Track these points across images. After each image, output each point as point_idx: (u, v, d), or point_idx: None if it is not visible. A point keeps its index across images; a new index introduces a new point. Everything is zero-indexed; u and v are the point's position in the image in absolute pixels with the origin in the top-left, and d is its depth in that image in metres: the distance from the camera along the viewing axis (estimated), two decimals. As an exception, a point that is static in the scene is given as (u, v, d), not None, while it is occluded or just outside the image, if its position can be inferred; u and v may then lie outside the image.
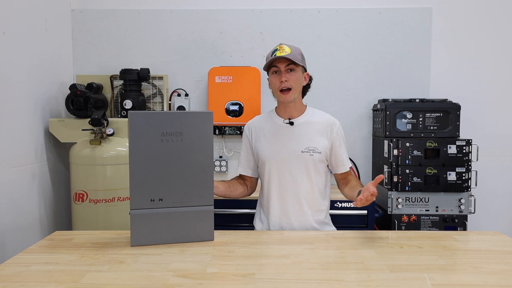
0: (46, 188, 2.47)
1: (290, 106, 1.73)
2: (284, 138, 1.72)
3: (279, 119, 1.76)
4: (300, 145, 1.69)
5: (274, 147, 1.73)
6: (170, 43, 2.87)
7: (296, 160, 1.69)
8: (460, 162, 2.45)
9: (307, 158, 1.69)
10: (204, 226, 1.49)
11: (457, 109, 2.52)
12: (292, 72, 1.66)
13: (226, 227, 1.76)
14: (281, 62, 1.65)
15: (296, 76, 1.67)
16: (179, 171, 1.45)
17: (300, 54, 1.70)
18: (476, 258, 1.35)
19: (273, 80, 1.69)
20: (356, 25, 2.85)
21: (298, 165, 1.70)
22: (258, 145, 1.77)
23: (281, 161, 1.71)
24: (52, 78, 2.56)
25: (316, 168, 1.71)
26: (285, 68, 1.65)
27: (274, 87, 1.69)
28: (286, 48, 1.66)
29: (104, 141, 2.31)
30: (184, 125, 1.44)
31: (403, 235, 1.61)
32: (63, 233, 1.63)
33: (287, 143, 1.71)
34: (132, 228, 1.44)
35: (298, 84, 1.69)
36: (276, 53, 1.65)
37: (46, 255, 1.36)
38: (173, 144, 1.44)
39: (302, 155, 1.69)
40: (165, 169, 1.44)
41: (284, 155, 1.71)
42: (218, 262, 1.31)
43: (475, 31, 2.84)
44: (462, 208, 2.47)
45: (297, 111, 1.74)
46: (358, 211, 2.42)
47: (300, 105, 1.76)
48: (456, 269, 1.26)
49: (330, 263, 1.29)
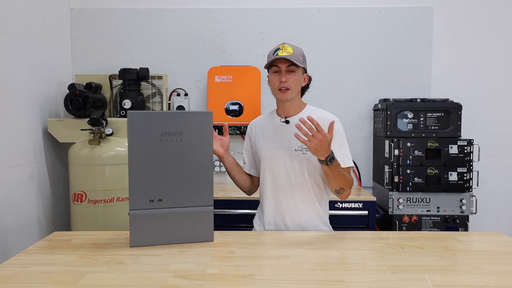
0: (45, 188, 2.47)
1: (288, 105, 1.74)
2: (279, 136, 1.74)
3: (277, 117, 1.78)
4: (294, 144, 1.70)
5: (270, 146, 1.75)
6: (170, 42, 2.87)
7: (289, 158, 1.71)
8: (461, 162, 2.45)
9: (300, 157, 1.70)
10: (204, 227, 1.49)
11: (458, 109, 2.52)
12: (292, 73, 1.68)
13: (226, 228, 1.76)
14: (282, 63, 1.67)
15: (295, 77, 1.69)
16: (179, 171, 1.45)
17: (302, 55, 1.72)
18: (477, 259, 1.35)
19: (273, 79, 1.71)
20: (357, 25, 2.85)
21: (292, 164, 1.71)
22: (257, 144, 1.81)
23: (276, 159, 1.73)
24: (50, 77, 2.56)
25: (310, 166, 1.70)
26: (285, 68, 1.67)
27: (273, 86, 1.72)
28: (288, 48, 1.68)
29: (103, 141, 2.31)
30: (184, 125, 1.44)
31: (404, 235, 1.61)
32: (62, 233, 1.63)
33: (282, 142, 1.73)
34: (131, 229, 1.44)
35: (297, 85, 1.71)
36: (278, 52, 1.67)
37: (45, 256, 1.36)
38: (173, 144, 1.44)
39: (295, 153, 1.70)
40: (165, 169, 1.44)
41: (279, 154, 1.72)
42: (218, 263, 1.31)
43: (476, 30, 2.84)
44: (463, 208, 2.47)
45: (294, 110, 1.76)
46: (359, 212, 2.42)
47: (298, 103, 1.77)
48: (458, 270, 1.26)
49: (330, 264, 1.29)
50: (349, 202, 2.41)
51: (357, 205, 2.43)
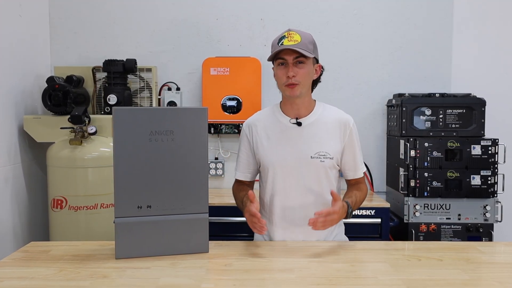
0: (21, 193, 2.46)
1: (298, 103, 1.69)
2: (291, 141, 1.69)
3: (285, 117, 1.72)
4: (309, 150, 1.66)
5: (279, 152, 1.69)
6: (160, 30, 2.87)
7: (304, 166, 1.66)
8: (485, 165, 2.45)
9: (318, 165, 1.66)
10: (198, 237, 1.49)
11: (481, 105, 2.52)
12: (301, 65, 1.61)
13: (222, 238, 1.76)
14: (289, 54, 1.60)
15: (305, 70, 1.62)
16: (170, 174, 1.45)
17: (312, 43, 1.64)
18: (503, 272, 1.35)
19: (279, 74, 1.64)
20: (369, 11, 2.85)
21: (307, 173, 1.67)
22: (260, 148, 1.73)
23: (288, 167, 1.68)
24: (27, 70, 2.56)
25: (327, 175, 1.68)
26: (293, 60, 1.60)
27: (279, 82, 1.66)
28: (295, 35, 1.60)
29: (85, 140, 2.31)
30: (175, 123, 1.44)
31: (421, 246, 1.61)
32: (40, 244, 1.62)
33: (294, 147, 1.67)
34: (117, 239, 1.43)
35: (307, 79, 1.65)
36: (283, 41, 1.60)
37: (21, 269, 1.36)
38: (163, 144, 1.43)
39: (311, 161, 1.66)
40: (154, 172, 1.44)
41: (291, 161, 1.67)
42: (214, 277, 1.31)
43: (502, 17, 2.84)
44: (487, 216, 2.47)
45: (305, 109, 1.70)
46: (371, 220, 2.42)
47: (309, 101, 1.72)
48: (481, 285, 1.26)
49: (339, 277, 1.29)
50: (360, 209, 2.40)
51: (369, 212, 2.43)
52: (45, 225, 2.54)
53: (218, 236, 1.80)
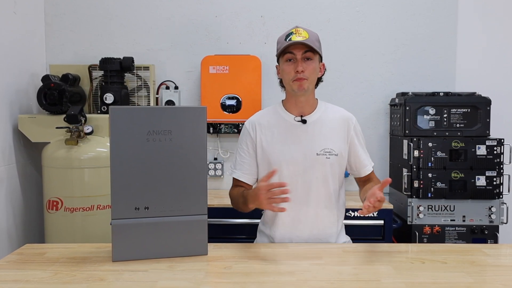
0: (15, 194, 2.47)
1: (302, 100, 1.72)
2: (296, 138, 1.71)
3: (289, 115, 1.74)
4: (315, 147, 1.69)
5: (286, 150, 1.71)
6: (158, 28, 2.87)
7: (310, 164, 1.69)
8: (490, 165, 2.45)
9: (324, 162, 1.69)
10: (197, 239, 1.49)
11: (487, 104, 2.52)
12: (309, 61, 1.66)
13: (221, 240, 1.77)
14: (298, 49, 1.64)
15: (313, 66, 1.67)
16: (168, 175, 1.45)
17: (318, 41, 1.70)
18: (508, 275, 1.35)
19: (287, 69, 1.67)
20: (372, 8, 2.85)
21: (313, 170, 1.69)
22: (265, 148, 1.74)
23: (295, 165, 1.70)
24: (21, 68, 2.56)
25: (333, 172, 1.71)
26: (301, 56, 1.64)
27: (287, 77, 1.68)
28: (303, 32, 1.65)
29: (81, 140, 2.31)
30: (174, 122, 1.44)
31: (425, 248, 1.61)
32: (35, 246, 1.63)
33: (300, 145, 1.70)
34: (114, 241, 1.44)
35: (314, 75, 1.69)
36: (291, 37, 1.64)
37: (15, 272, 1.36)
38: (161, 144, 1.44)
39: (317, 158, 1.69)
40: (152, 173, 1.44)
41: (298, 159, 1.70)
42: (213, 280, 1.31)
43: (507, 15, 2.84)
44: (492, 217, 2.47)
45: (309, 106, 1.74)
46: (374, 221, 2.42)
47: (313, 99, 1.76)
48: (486, 288, 1.26)
49: (341, 280, 1.29)
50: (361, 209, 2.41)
51: (372, 214, 2.43)
52: (40, 226, 2.54)
53: (217, 238, 1.80)
